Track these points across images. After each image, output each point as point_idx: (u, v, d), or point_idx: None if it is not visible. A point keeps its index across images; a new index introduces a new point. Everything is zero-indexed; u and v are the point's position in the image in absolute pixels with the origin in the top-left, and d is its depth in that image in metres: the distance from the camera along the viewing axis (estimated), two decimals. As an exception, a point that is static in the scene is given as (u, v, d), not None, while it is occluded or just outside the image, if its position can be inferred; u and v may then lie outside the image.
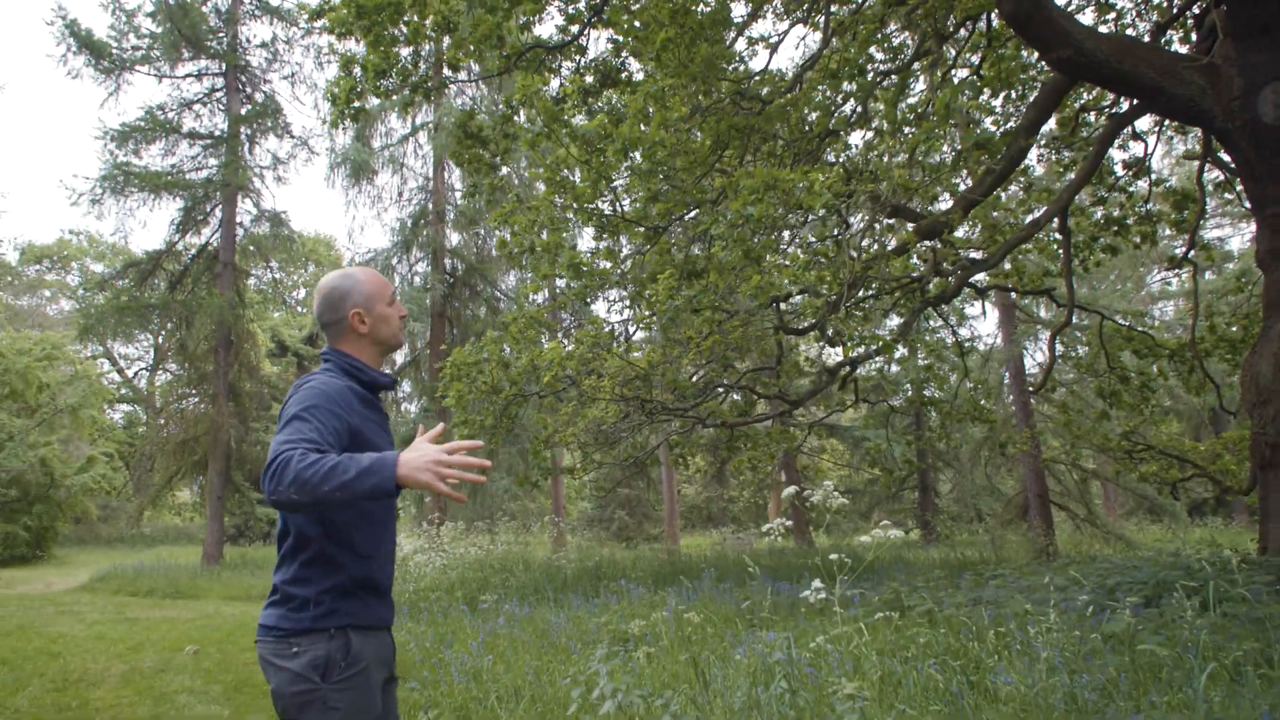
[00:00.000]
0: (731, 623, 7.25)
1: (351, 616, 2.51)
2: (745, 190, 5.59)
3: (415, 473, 2.15)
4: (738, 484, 39.61)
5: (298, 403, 2.46)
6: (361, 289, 2.75)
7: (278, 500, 2.15)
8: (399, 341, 2.86)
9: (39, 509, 30.55)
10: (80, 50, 22.05)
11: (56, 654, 9.32)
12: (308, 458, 2.16)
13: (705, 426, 11.39)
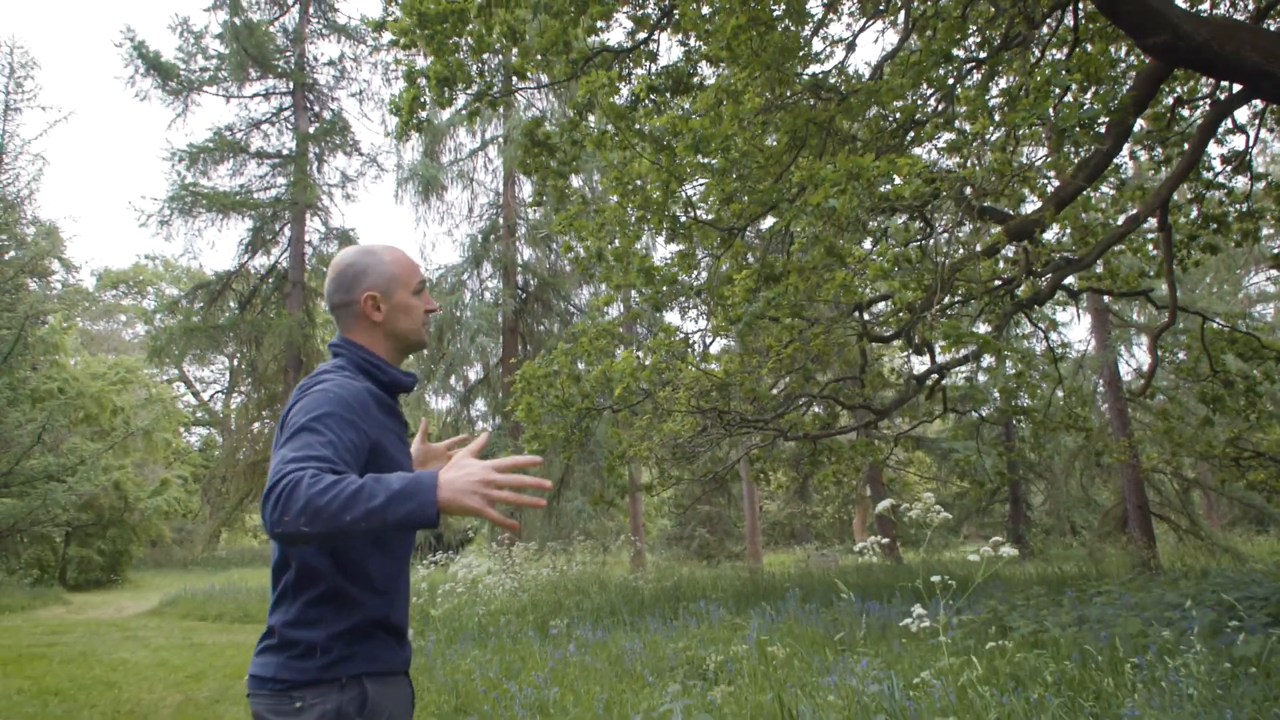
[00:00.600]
0: (820, 648, 6.77)
1: (368, 662, 2.11)
2: (827, 182, 5.17)
3: (460, 496, 1.77)
4: (821, 499, 38.84)
5: (306, 410, 2.02)
6: (381, 269, 2.32)
7: (283, 533, 1.74)
8: (421, 339, 2.39)
9: (113, 533, 31.10)
10: (149, 72, 22.42)
11: (113, 684, 9.18)
12: (321, 480, 1.75)
13: (787, 440, 10.91)
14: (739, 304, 6.95)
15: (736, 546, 33.69)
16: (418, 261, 2.49)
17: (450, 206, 24.31)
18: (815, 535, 43.23)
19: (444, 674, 7.03)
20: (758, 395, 8.65)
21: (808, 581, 12.77)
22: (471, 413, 23.99)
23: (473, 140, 22.85)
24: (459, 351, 21.84)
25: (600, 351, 9.59)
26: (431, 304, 2.40)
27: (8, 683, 9.21)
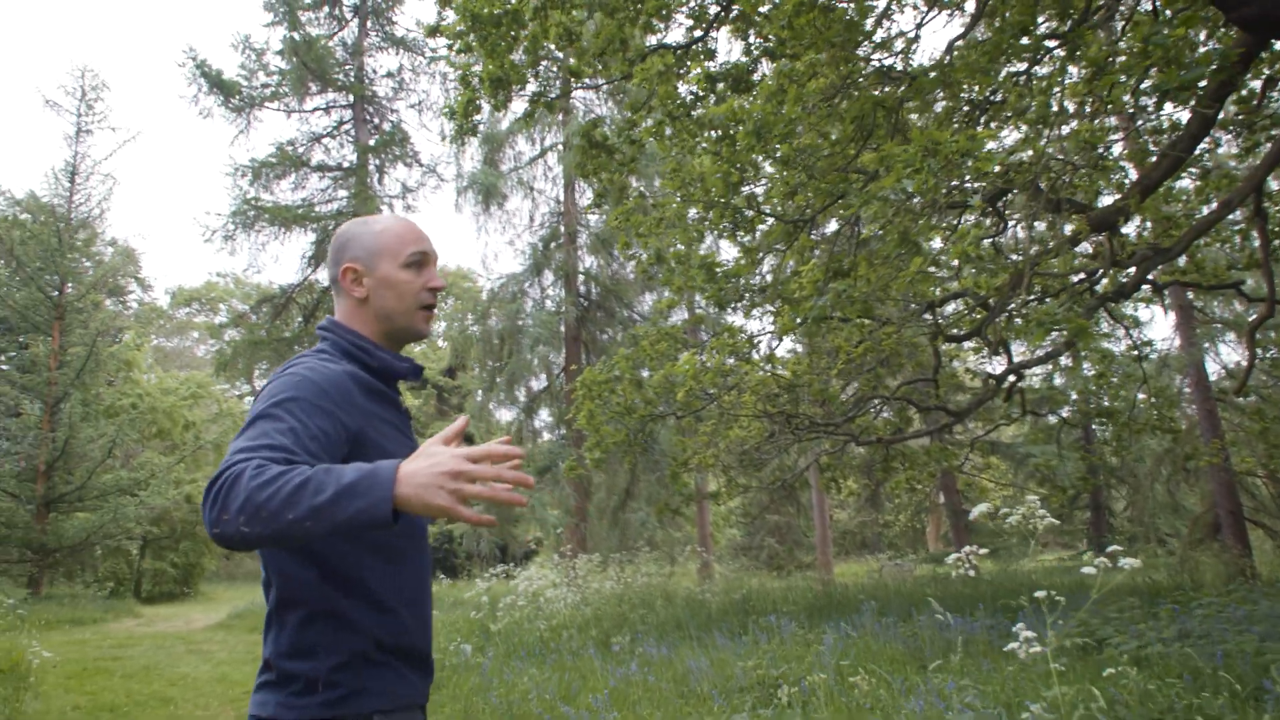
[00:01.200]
0: (900, 668, 6.30)
1: (382, 697, 1.77)
2: (899, 163, 4.75)
3: (422, 491, 1.44)
4: (893, 508, 38.05)
5: (270, 395, 1.71)
6: (366, 240, 1.98)
7: (221, 534, 1.44)
8: (410, 325, 1.99)
9: (185, 546, 31.60)
10: (211, 90, 22.68)
11: (169, 699, 9.04)
12: (265, 472, 1.45)
13: (859, 444, 10.43)
14: (806, 298, 6.53)
15: (807, 556, 33.11)
16: (482, 274, 2.04)
17: (511, 216, 24.21)
18: (887, 544, 42.48)
19: (499, 695, 6.69)
20: (828, 397, 8.20)
21: (883, 593, 12.23)
22: (535, 423, 23.78)
23: (532, 148, 22.71)
24: (521, 360, 21.63)
25: (662, 355, 9.24)
26: (435, 281, 2.02)
27: (67, 699, 9.13)
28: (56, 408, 26.15)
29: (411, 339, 2.03)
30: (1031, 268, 6.53)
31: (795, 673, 6.03)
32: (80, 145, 29.35)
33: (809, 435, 9.87)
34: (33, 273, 27.06)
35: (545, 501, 21.21)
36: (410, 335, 2.01)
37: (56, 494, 25.37)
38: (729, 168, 6.55)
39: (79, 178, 29.25)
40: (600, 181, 10.04)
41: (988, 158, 4.47)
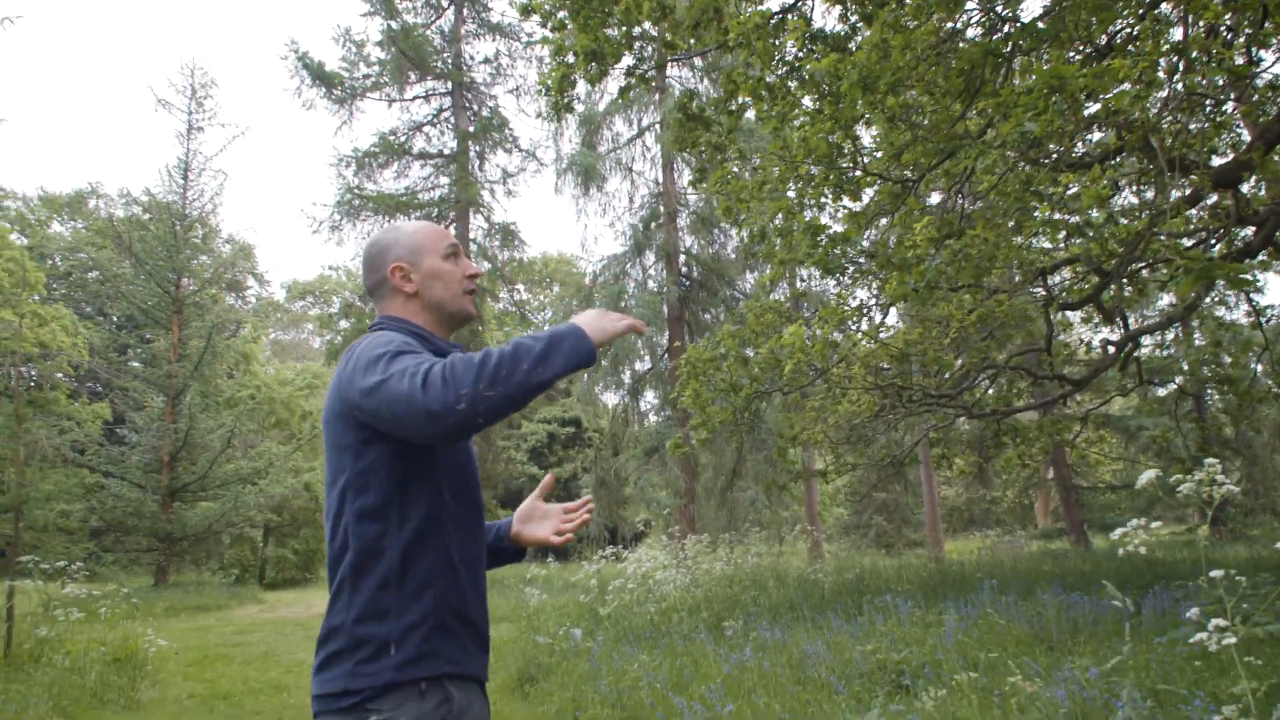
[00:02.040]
0: (1028, 649, 5.97)
1: (449, 663, 1.84)
2: (1019, 107, 4.40)
3: (600, 321, 1.85)
4: (1000, 483, 36.97)
5: (382, 344, 1.83)
6: (404, 240, 2.15)
7: (459, 409, 1.60)
8: (463, 308, 2.16)
9: (306, 532, 32.45)
10: (314, 83, 23.09)
11: (284, 687, 9.13)
12: (474, 356, 1.67)
13: (971, 417, 10.01)
14: (919, 261, 6.18)
15: (915, 534, 32.48)
16: (583, 256, 2.24)
17: (610, 198, 24.07)
18: (995, 521, 41.45)
19: (609, 683, 6.55)
20: (943, 366, 7.82)
21: (999, 571, 11.77)
22: (641, 405, 23.70)
23: (629, 129, 22.54)
24: (624, 342, 21.52)
25: (767, 328, 8.97)
26: (471, 268, 2.20)
27: (184, 686, 9.30)
28: (178, 400, 27.05)
29: (462, 322, 2.19)
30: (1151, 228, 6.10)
31: (917, 656, 5.74)
32: (192, 142, 30.23)
33: (920, 408, 9.49)
34: (152, 269, 27.99)
35: (653, 482, 21.11)
36: (460, 318, 2.17)
37: (180, 484, 26.27)
38: (832, 125, 6.24)
39: (191, 174, 30.12)
40: (697, 154, 9.82)
41: (1121, 95, 4.09)
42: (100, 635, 10.28)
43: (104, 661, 9.14)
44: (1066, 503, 24.38)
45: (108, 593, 12.09)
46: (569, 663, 7.94)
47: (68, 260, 47.53)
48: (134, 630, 10.80)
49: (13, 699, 6.89)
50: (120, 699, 8.16)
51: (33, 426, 26.11)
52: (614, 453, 22.98)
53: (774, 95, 7.41)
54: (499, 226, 24.42)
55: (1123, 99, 4.09)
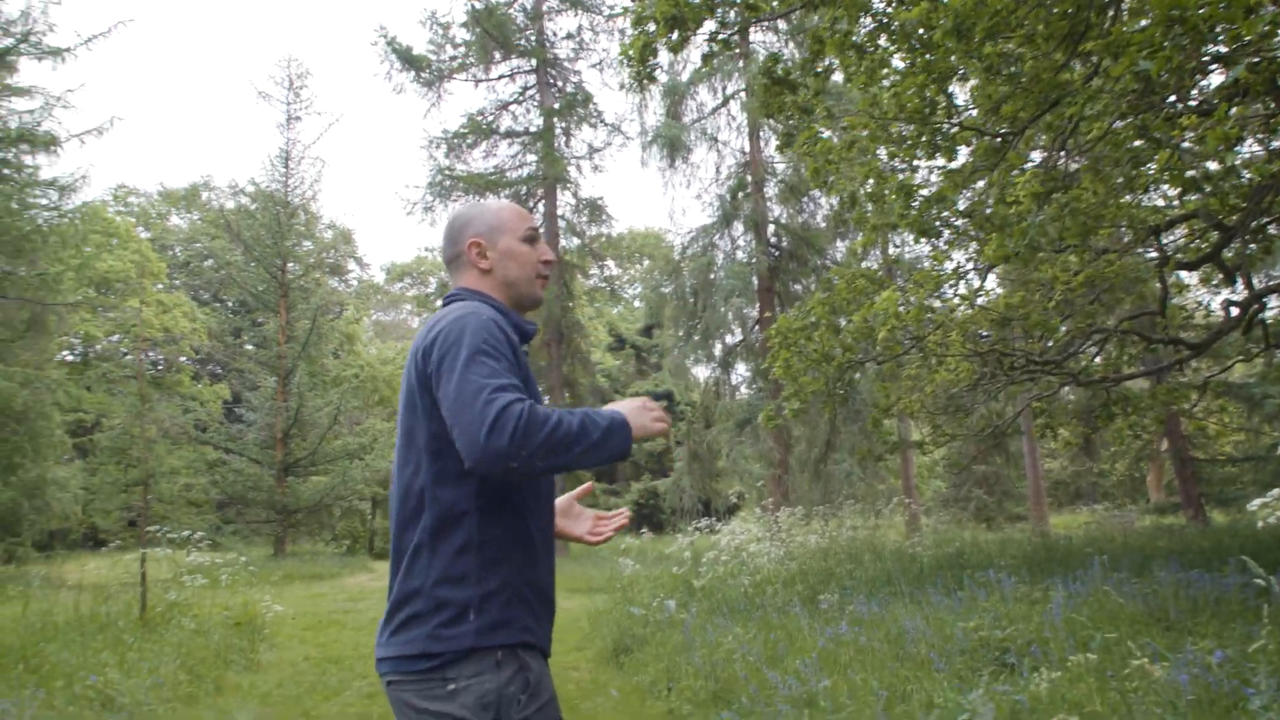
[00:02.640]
0: (1143, 629, 5.64)
1: (525, 630, 1.87)
2: (1133, 46, 4.07)
3: (645, 424, 1.93)
4: (1109, 456, 35.68)
5: (470, 334, 1.85)
6: (485, 217, 2.17)
7: (518, 467, 1.68)
8: (533, 292, 2.17)
9: (411, 505, 33.46)
10: (403, 67, 23.39)
11: (392, 653, 9.30)
12: (550, 415, 1.74)
13: (1079, 384, 9.57)
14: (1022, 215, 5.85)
15: (1017, 508, 31.63)
16: (671, 229, 2.27)
17: (696, 168, 23.88)
18: (1102, 495, 40.13)
19: (702, 656, 6.43)
20: (1047, 330, 7.44)
21: (1109, 546, 11.28)
22: (732, 378, 23.50)
23: (714, 98, 22.18)
24: (714, 315, 21.31)
25: (859, 295, 8.69)
26: (547, 254, 2.20)
27: (300, 650, 9.60)
28: (288, 379, 28.01)
29: (531, 305, 2.19)
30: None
31: (1023, 634, 5.48)
32: (290, 132, 31.00)
33: (1023, 376, 9.10)
34: (259, 255, 28.94)
35: (745, 455, 20.93)
36: (530, 300, 2.18)
37: (293, 459, 27.33)
38: (924, 80, 5.94)
39: (292, 163, 30.89)
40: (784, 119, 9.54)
41: (1254, 22, 3.72)
42: (223, 601, 10.73)
43: (226, 625, 9.52)
44: (1182, 476, 23.37)
45: (228, 561, 12.54)
46: (663, 634, 7.87)
47: (186, 250, 49.46)
48: (253, 597, 11.21)
49: (146, 657, 7.20)
50: (242, 660, 8.48)
51: (159, 407, 27.27)
52: (706, 425, 22.84)
53: (862, 52, 7.12)
54: (586, 202, 24.45)
55: (1254, 26, 3.71)
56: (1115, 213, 7.19)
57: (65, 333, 24.37)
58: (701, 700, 5.66)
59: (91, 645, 7.39)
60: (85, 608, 9.14)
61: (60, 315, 19.84)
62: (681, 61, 21.71)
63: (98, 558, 21.88)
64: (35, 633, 7.46)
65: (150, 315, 36.40)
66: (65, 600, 10.41)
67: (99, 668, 6.56)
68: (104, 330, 36.09)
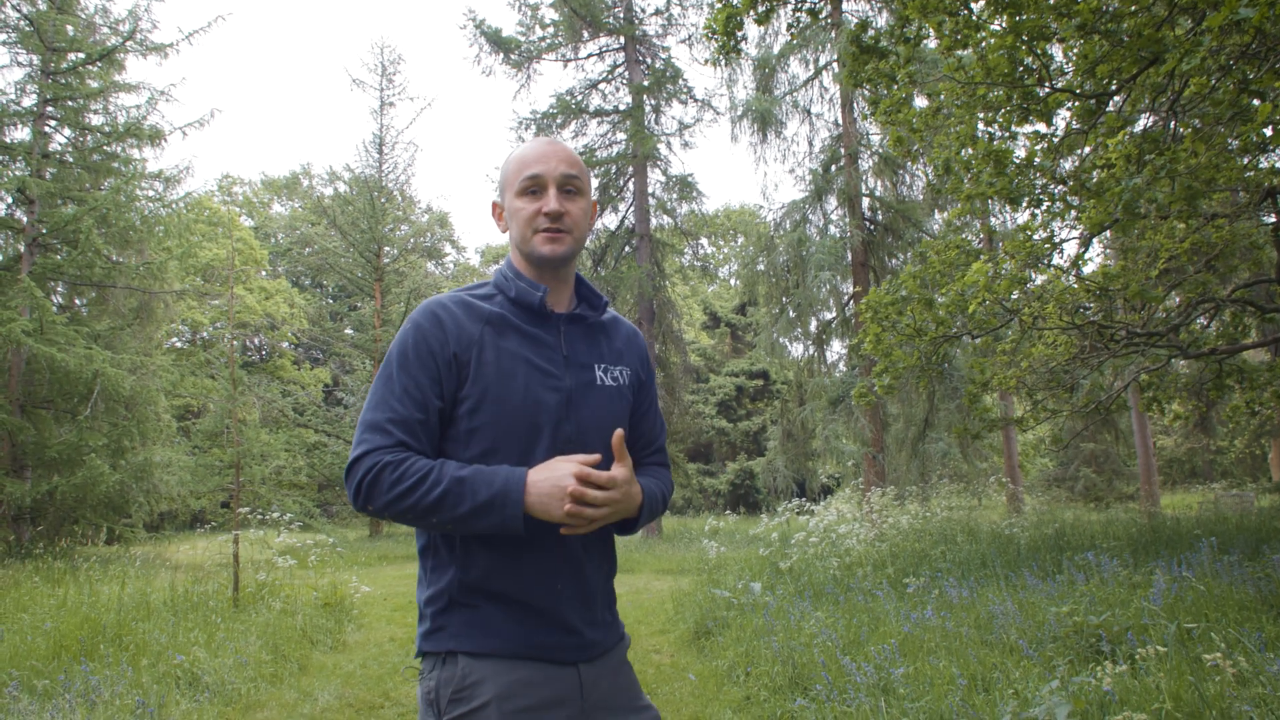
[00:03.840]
0: (1254, 616, 5.31)
1: (457, 640, 1.82)
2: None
3: (546, 502, 1.72)
4: (1227, 432, 34.21)
5: (394, 343, 1.92)
6: (502, 171, 2.02)
7: (365, 513, 1.80)
8: (530, 250, 1.94)
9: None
10: (492, 49, 23.51)
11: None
12: (403, 479, 1.71)
13: (1186, 357, 9.08)
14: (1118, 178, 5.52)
15: (1128, 487, 30.54)
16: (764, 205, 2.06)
17: (788, 143, 23.40)
18: (1221, 473, 38.55)
19: (780, 640, 6.29)
20: (1149, 299, 7.04)
21: (1221, 527, 10.74)
22: (828, 355, 23.09)
23: (805, 70, 21.71)
24: (808, 291, 20.94)
25: (950, 266, 8.38)
26: (550, 204, 1.92)
27: (386, 630, 9.72)
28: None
29: (542, 264, 1.95)
30: None
31: (1120, 620, 5.20)
32: (384, 117, 31.54)
33: (1125, 348, 8.67)
34: (355, 240, 29.52)
35: (840, 433, 20.59)
36: (538, 259, 1.95)
37: (388, 442, 27.85)
38: (1013, 40, 5.63)
39: (386, 148, 31.41)
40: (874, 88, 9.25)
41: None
42: (312, 582, 10.93)
43: (314, 606, 9.74)
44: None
45: (318, 543, 12.81)
46: (745, 617, 7.75)
47: (287, 237, 50.90)
48: (341, 578, 11.40)
49: (234, 637, 7.39)
50: (328, 640, 8.67)
51: (261, 391, 28.13)
52: (800, 403, 22.54)
53: (952, 15, 6.82)
54: (676, 179, 24.26)
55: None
56: (1230, 175, 6.76)
57: (172, 320, 25.22)
58: (778, 686, 5.52)
59: (183, 625, 7.62)
60: (181, 588, 9.46)
61: (166, 303, 20.54)
62: (773, 34, 21.33)
63: (201, 538, 22.71)
64: (129, 612, 7.69)
65: (253, 301, 37.53)
66: (162, 580, 10.78)
67: (187, 647, 6.75)
68: (209, 317, 37.35)
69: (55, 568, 12.47)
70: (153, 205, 19.91)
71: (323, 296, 48.62)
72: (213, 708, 5.78)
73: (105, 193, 18.49)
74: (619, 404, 2.01)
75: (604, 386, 1.98)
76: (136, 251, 19.59)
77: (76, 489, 16.18)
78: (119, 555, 16.12)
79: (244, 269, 38.61)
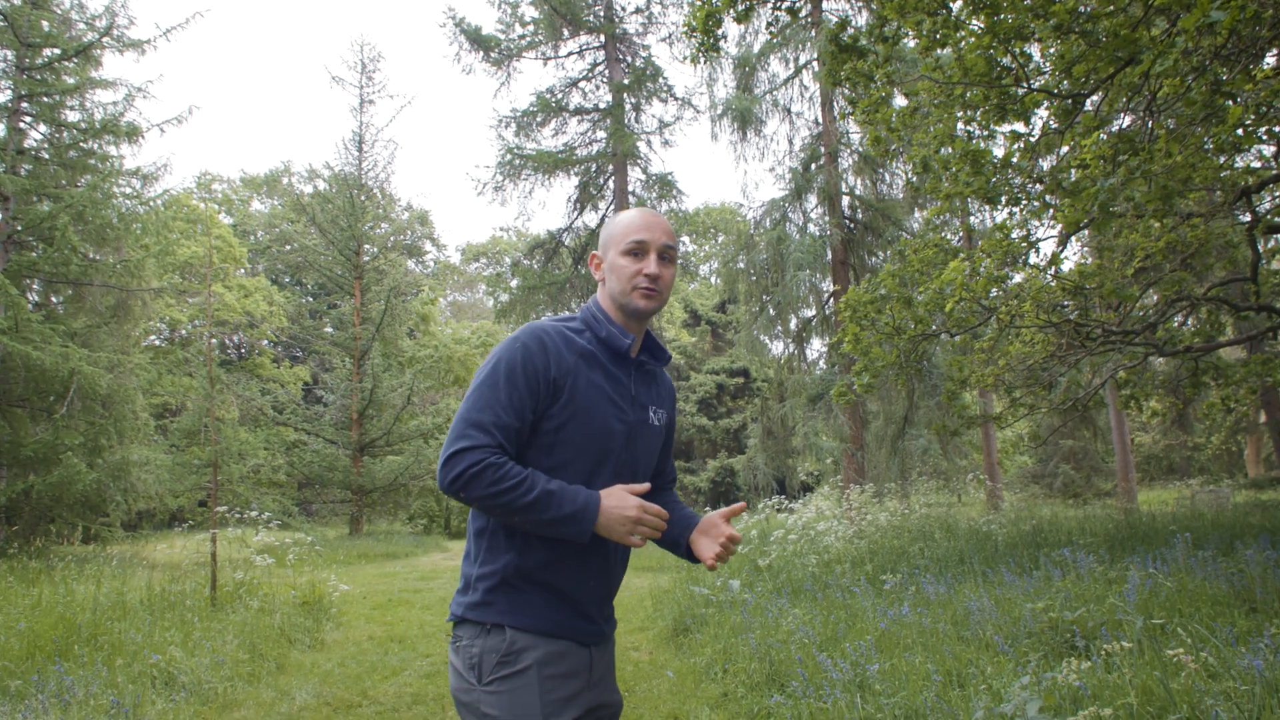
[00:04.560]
0: (1225, 611, 5.37)
1: (506, 614, 2.10)
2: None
3: (614, 527, 2.07)
4: (1204, 429, 34.53)
5: (492, 356, 2.18)
6: (607, 230, 2.32)
7: (455, 499, 2.03)
8: (630, 303, 2.23)
9: (488, 485, 33.90)
10: (472, 48, 23.39)
11: (454, 631, 9.34)
12: (503, 480, 1.98)
13: (1162, 354, 9.17)
14: (1093, 178, 5.56)
15: (1106, 484, 30.79)
16: (743, 203, 2.31)
17: (768, 141, 23.35)
18: (1198, 469, 38.93)
19: (758, 637, 6.31)
20: (1124, 298, 7.09)
21: (1197, 524, 10.85)
22: (808, 353, 23.15)
23: (785, 68, 21.71)
24: (788, 289, 20.95)
25: (928, 265, 8.42)
26: (649, 267, 2.22)
27: (365, 629, 9.68)
28: (362, 360, 28.42)
29: (635, 316, 2.25)
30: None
31: (1095, 616, 5.25)
32: (364, 115, 31.37)
33: (1103, 346, 8.74)
34: (334, 238, 29.38)
35: (819, 430, 20.64)
36: (631, 312, 2.24)
37: (368, 439, 27.74)
38: (990, 40, 5.67)
39: (366, 146, 31.28)
40: (853, 87, 9.28)
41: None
42: (290, 580, 10.87)
43: (293, 604, 9.68)
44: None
45: (296, 541, 12.74)
46: (723, 614, 7.77)
47: (267, 235, 50.62)
48: (320, 576, 11.35)
49: (210, 636, 7.32)
50: (306, 639, 8.61)
51: (240, 390, 27.96)
52: (780, 401, 22.59)
53: (931, 15, 6.85)
54: (657, 177, 24.23)
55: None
56: (1203, 175, 6.82)
57: (150, 318, 25.01)
58: (756, 683, 5.54)
59: (159, 624, 7.54)
60: (157, 587, 9.37)
61: (144, 301, 20.36)
62: (752, 33, 21.33)
63: (179, 537, 22.54)
64: (105, 611, 7.61)
65: (231, 299, 37.32)
66: (139, 580, 10.69)
67: (163, 646, 6.69)
68: (187, 315, 37.10)
69: (31, 567, 12.36)
70: (130, 202, 19.76)
71: (302, 294, 48.38)
72: (189, 707, 5.74)
73: (82, 190, 18.30)
74: (659, 441, 2.39)
75: (653, 425, 2.34)
76: (114, 249, 19.42)
77: (53, 488, 16.04)
78: (96, 554, 15.99)
79: (222, 267, 38.38)
